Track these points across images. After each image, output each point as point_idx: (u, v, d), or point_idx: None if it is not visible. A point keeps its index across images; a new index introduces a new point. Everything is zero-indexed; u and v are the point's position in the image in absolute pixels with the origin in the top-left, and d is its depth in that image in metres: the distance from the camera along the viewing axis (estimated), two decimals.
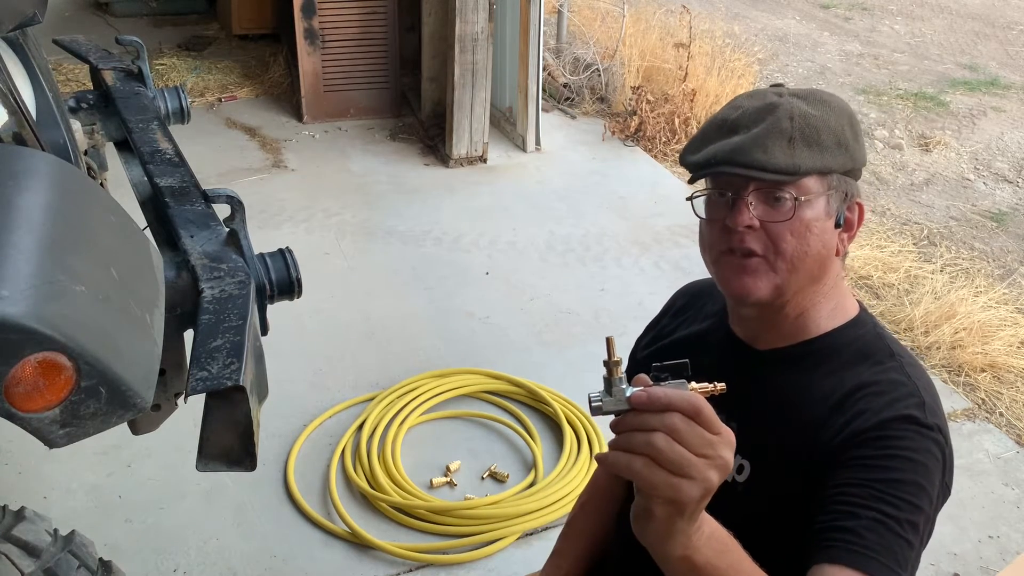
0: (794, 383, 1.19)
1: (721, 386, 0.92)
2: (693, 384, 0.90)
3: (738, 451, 1.19)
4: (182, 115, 2.26)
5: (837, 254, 1.19)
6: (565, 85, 5.44)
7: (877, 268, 3.84)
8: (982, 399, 3.12)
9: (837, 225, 1.17)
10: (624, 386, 0.88)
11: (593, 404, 0.89)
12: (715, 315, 1.35)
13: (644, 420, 0.86)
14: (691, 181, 1.22)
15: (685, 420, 0.85)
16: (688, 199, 1.22)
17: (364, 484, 2.56)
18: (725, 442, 0.87)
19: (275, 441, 2.71)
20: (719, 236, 1.17)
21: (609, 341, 0.90)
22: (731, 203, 1.15)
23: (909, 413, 1.11)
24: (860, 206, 1.20)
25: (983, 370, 3.23)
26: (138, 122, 2.00)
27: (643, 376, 0.90)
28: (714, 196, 1.18)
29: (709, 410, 0.86)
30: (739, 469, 1.20)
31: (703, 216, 1.21)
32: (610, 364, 0.89)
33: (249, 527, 2.45)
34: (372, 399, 2.90)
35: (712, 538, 0.93)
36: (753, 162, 1.12)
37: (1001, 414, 3.05)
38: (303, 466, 2.66)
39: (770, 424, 1.18)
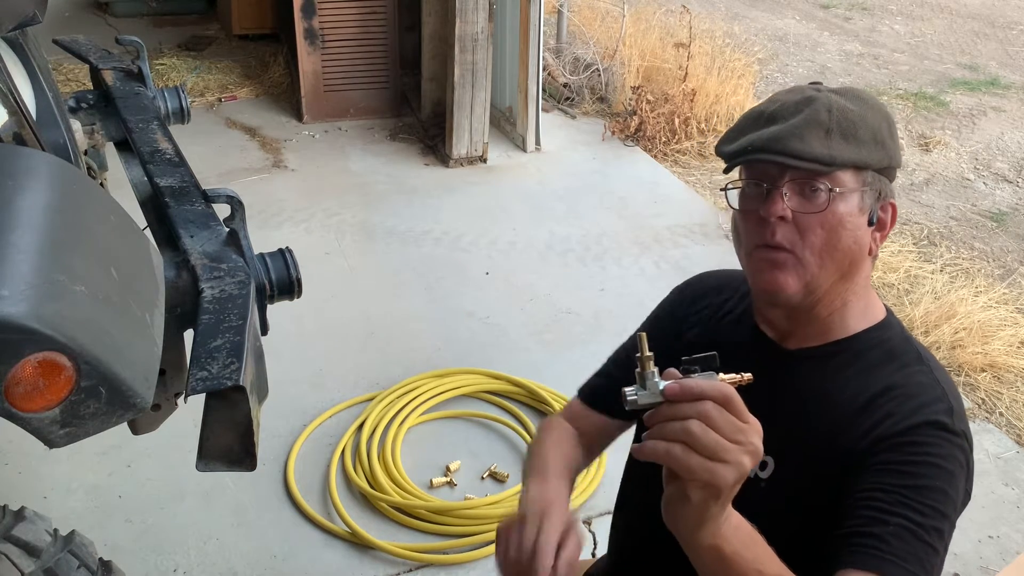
0: (822, 383, 1.19)
1: (748, 376, 0.94)
2: (722, 375, 0.93)
3: (763, 448, 1.19)
4: (182, 115, 2.26)
5: (869, 253, 1.18)
6: (565, 85, 5.44)
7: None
8: (982, 399, 3.12)
9: (870, 223, 1.16)
10: (656, 380, 0.91)
11: (628, 398, 0.92)
12: (738, 312, 1.33)
13: (678, 410, 0.89)
14: (726, 171, 1.21)
15: (717, 408, 0.88)
16: (722, 190, 1.22)
17: (364, 484, 2.56)
18: (754, 430, 0.90)
19: (275, 441, 2.71)
20: (753, 228, 1.16)
21: (641, 337, 0.93)
22: (766, 193, 1.14)
23: (938, 419, 1.10)
24: (893, 206, 1.19)
25: (983, 370, 3.23)
26: (138, 122, 2.00)
27: (673, 370, 0.93)
28: (749, 187, 1.18)
29: (739, 399, 0.89)
30: (763, 466, 1.20)
31: (737, 208, 1.20)
32: (643, 360, 0.92)
33: (249, 527, 2.45)
34: (372, 399, 2.90)
35: (739, 529, 0.95)
36: (790, 150, 1.11)
37: (1001, 414, 3.05)
38: (303, 466, 2.66)
39: (796, 423, 1.17)
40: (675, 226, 4.14)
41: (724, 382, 0.92)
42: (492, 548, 2.40)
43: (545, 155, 4.81)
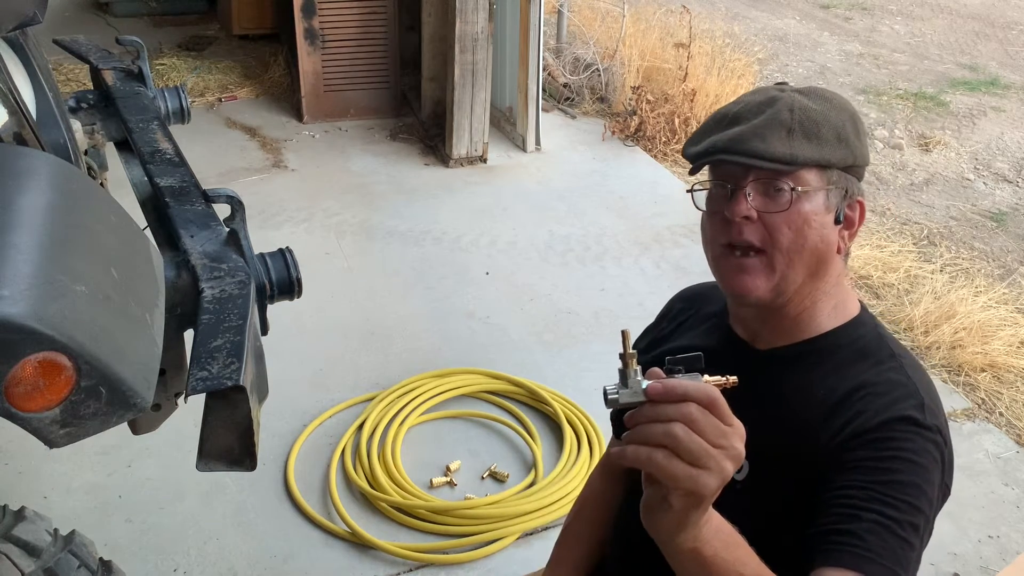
0: (794, 382, 1.19)
1: (733, 379, 0.93)
2: (706, 376, 0.91)
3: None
4: (182, 115, 2.26)
5: (838, 251, 1.19)
6: (565, 85, 5.44)
7: (877, 268, 3.84)
8: (982, 399, 3.12)
9: (837, 221, 1.17)
10: (639, 378, 0.89)
11: (609, 397, 0.89)
12: (714, 316, 1.35)
13: (661, 411, 0.87)
14: (692, 172, 1.22)
15: (701, 410, 0.86)
16: (689, 191, 1.23)
17: (364, 484, 2.56)
18: (737, 433, 0.88)
19: (275, 441, 2.71)
20: (719, 229, 1.18)
21: (624, 334, 0.91)
22: (730, 194, 1.16)
23: (908, 414, 1.11)
24: (861, 204, 1.20)
25: (983, 370, 3.23)
26: (138, 122, 2.00)
27: (656, 369, 0.91)
28: (714, 188, 1.19)
29: (723, 402, 0.88)
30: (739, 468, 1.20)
31: (703, 209, 1.21)
32: (625, 357, 0.90)
33: (249, 527, 2.45)
34: (372, 399, 2.90)
35: (720, 531, 0.94)
36: (751, 151, 1.12)
37: (1001, 414, 3.05)
38: (303, 466, 2.66)
39: (770, 423, 1.17)
40: (675, 226, 4.14)
41: (709, 384, 0.89)
42: (492, 548, 2.41)
43: (545, 155, 4.81)
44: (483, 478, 2.66)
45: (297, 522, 2.48)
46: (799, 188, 1.13)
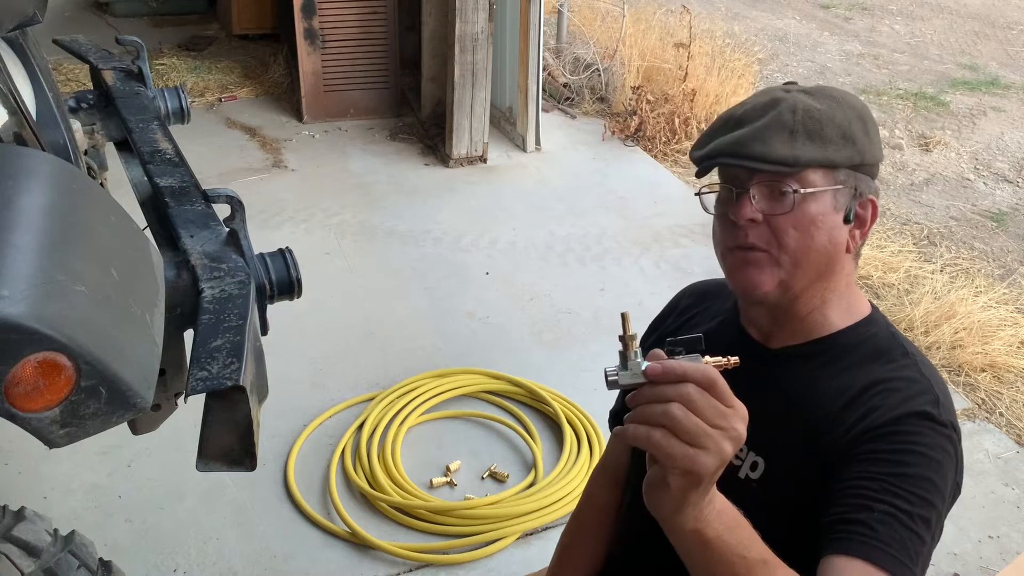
0: (807, 380, 1.19)
1: (734, 360, 0.93)
2: (707, 358, 0.91)
3: (752, 448, 1.19)
4: (182, 115, 2.26)
5: (848, 251, 1.18)
6: (565, 85, 5.45)
7: (877, 268, 3.84)
8: (982, 399, 3.12)
9: (847, 221, 1.16)
10: (639, 360, 0.90)
11: (609, 378, 0.90)
12: (724, 314, 1.35)
13: (660, 391, 0.88)
14: (698, 175, 1.22)
15: (700, 391, 0.87)
16: (696, 194, 1.24)
17: (364, 484, 2.56)
18: (738, 415, 0.88)
19: (275, 441, 2.71)
20: (728, 231, 1.18)
21: (624, 316, 0.92)
22: (736, 197, 1.16)
23: (924, 410, 1.11)
24: (873, 203, 1.19)
25: (983, 370, 3.23)
26: (138, 122, 2.00)
27: (658, 351, 0.91)
28: (721, 191, 1.20)
29: (723, 383, 0.88)
30: (753, 466, 1.20)
31: (711, 211, 1.22)
32: (625, 339, 0.90)
33: (249, 527, 2.45)
34: (372, 399, 2.90)
35: (723, 513, 0.94)
36: (753, 153, 1.12)
37: (1001, 414, 3.05)
38: (303, 466, 2.66)
39: (784, 422, 1.17)
40: (675, 226, 4.14)
41: (709, 365, 0.90)
42: (492, 548, 2.41)
43: (545, 155, 4.81)
44: (483, 478, 2.66)
45: (297, 522, 2.48)
46: (803, 190, 1.13)
